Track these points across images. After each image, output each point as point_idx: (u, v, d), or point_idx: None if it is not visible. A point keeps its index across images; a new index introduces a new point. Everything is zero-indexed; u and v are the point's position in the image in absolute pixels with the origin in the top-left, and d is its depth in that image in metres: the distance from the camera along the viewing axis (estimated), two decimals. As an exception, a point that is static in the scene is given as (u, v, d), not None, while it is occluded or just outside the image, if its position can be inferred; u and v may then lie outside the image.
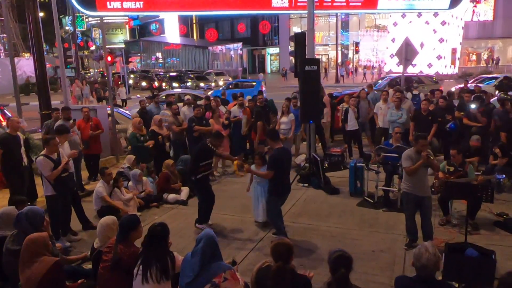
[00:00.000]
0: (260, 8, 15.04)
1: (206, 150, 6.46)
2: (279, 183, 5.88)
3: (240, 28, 41.11)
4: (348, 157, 10.07)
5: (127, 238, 3.96)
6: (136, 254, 3.88)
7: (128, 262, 3.82)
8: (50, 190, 5.95)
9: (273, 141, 5.96)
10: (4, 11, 10.71)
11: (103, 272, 3.90)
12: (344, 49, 46.55)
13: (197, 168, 6.34)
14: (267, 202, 6.10)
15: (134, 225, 4.03)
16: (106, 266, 3.88)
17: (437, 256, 3.16)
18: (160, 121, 9.04)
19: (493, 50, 42.52)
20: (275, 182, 5.85)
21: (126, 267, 3.81)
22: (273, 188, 5.91)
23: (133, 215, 4.51)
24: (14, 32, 35.88)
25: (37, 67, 8.82)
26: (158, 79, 34.84)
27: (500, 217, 6.43)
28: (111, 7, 12.32)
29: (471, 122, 9.03)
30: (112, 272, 3.84)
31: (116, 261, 3.82)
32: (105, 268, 3.90)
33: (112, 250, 3.91)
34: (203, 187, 6.56)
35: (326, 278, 3.37)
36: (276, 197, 5.96)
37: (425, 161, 5.34)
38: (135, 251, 3.91)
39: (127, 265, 3.81)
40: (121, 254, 3.85)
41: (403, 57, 12.69)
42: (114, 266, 3.83)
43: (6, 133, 7.27)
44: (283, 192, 6.03)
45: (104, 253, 3.99)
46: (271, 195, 5.96)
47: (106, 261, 3.90)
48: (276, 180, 5.83)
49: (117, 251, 3.87)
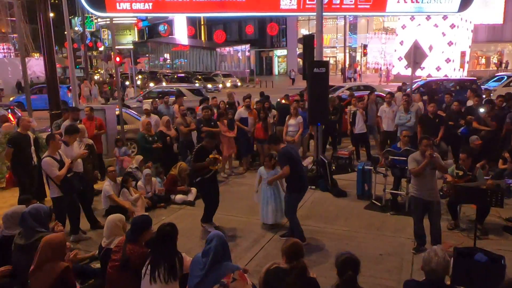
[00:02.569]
0: (269, 10, 15.04)
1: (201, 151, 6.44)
2: (297, 178, 5.89)
3: (248, 30, 41.08)
4: (355, 160, 10.05)
5: (138, 238, 3.97)
6: (145, 254, 3.89)
7: (136, 262, 3.84)
8: (57, 192, 5.86)
9: (276, 145, 5.99)
10: (17, 12, 10.83)
11: (112, 271, 3.92)
12: (352, 52, 46.41)
13: (196, 171, 6.41)
14: (287, 201, 6.08)
15: (148, 225, 4.06)
16: (115, 266, 3.90)
17: (447, 261, 3.15)
18: (168, 121, 9.10)
19: (502, 54, 42.19)
20: (293, 177, 5.86)
21: (135, 267, 3.83)
22: (292, 185, 5.94)
23: (146, 216, 4.50)
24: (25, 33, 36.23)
25: (48, 67, 8.91)
26: (166, 80, 35.02)
27: (510, 222, 6.38)
28: (121, 8, 12.41)
29: (481, 126, 8.96)
30: (121, 272, 3.86)
31: (125, 261, 3.84)
32: (113, 267, 3.91)
33: (121, 249, 3.93)
34: (203, 190, 6.63)
35: (333, 280, 3.37)
36: (296, 194, 6.01)
37: (428, 160, 5.30)
38: (144, 251, 3.92)
39: (136, 265, 3.83)
40: (130, 254, 3.87)
41: (412, 60, 12.61)
42: (123, 266, 3.84)
43: (17, 132, 7.36)
44: (302, 187, 6.07)
45: (113, 252, 4.01)
46: (292, 192, 5.99)
47: (115, 260, 3.92)
48: (294, 175, 5.82)
49: (126, 251, 3.88)
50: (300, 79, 13.82)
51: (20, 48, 11.15)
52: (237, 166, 10.15)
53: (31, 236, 4.18)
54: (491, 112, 9.05)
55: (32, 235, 4.18)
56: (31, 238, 4.16)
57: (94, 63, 63.48)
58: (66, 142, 6.45)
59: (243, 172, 9.77)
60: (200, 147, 6.56)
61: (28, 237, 4.19)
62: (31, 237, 4.16)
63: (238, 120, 9.79)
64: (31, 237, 4.16)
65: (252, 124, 9.86)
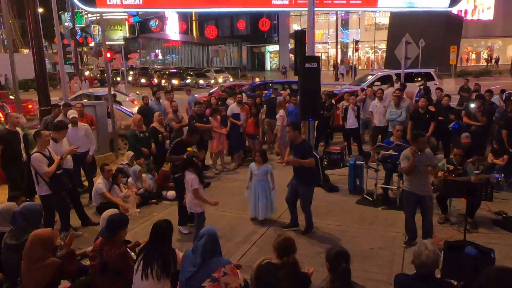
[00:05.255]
0: (260, 5, 15.00)
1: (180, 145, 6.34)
2: (317, 171, 5.98)
3: (240, 25, 41.04)
4: (347, 155, 10.09)
5: (113, 236, 3.90)
6: (124, 254, 3.84)
7: (116, 264, 3.79)
8: (45, 190, 5.75)
9: (300, 134, 6.02)
10: (4, 7, 10.66)
11: (93, 276, 3.87)
12: (343, 47, 46.48)
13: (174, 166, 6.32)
14: (305, 193, 6.05)
15: (125, 224, 4.02)
16: (95, 271, 3.85)
17: (437, 254, 3.17)
18: (161, 117, 9.04)
19: (492, 49, 42.55)
20: (315, 170, 5.90)
21: (115, 269, 3.79)
22: (311, 178, 5.99)
23: (122, 215, 4.46)
24: (13, 28, 35.74)
25: (36, 63, 8.80)
26: (158, 76, 34.81)
27: (499, 216, 6.45)
28: (111, 3, 12.27)
29: (471, 121, 9.04)
30: (102, 275, 3.81)
31: (103, 265, 3.79)
32: (94, 272, 3.86)
33: (98, 253, 3.86)
34: (180, 187, 6.18)
35: (324, 275, 3.38)
36: (314, 186, 6.07)
37: (415, 157, 5.35)
38: (121, 251, 3.85)
39: (116, 267, 3.78)
40: (108, 257, 3.80)
41: (403, 55, 12.69)
42: (102, 270, 3.79)
43: (6, 128, 7.27)
44: (318, 180, 6.15)
45: (91, 257, 3.94)
46: (311, 185, 6.03)
47: (94, 266, 3.86)
48: (315, 168, 5.88)
49: (103, 254, 3.82)
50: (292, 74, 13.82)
51: (9, 44, 10.99)
52: (229, 162, 10.14)
53: (21, 236, 4.15)
54: (481, 107, 9.13)
55: (22, 235, 4.15)
56: (21, 238, 4.13)
57: (84, 59, 62.84)
58: (55, 139, 6.39)
59: (235, 167, 9.76)
60: (179, 141, 6.48)
61: (18, 237, 4.16)
62: (21, 237, 4.13)
63: (231, 116, 9.79)
64: (21, 237, 4.13)
65: (244, 120, 9.86)
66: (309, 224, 6.17)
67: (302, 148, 5.92)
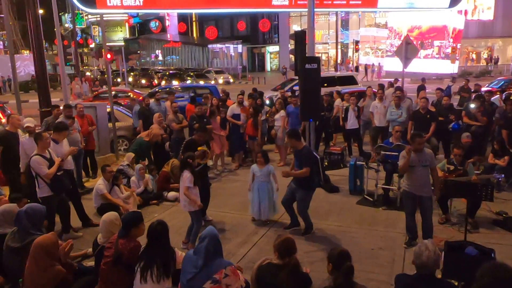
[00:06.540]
0: (260, 6, 14.97)
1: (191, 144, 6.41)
2: (318, 172, 6.01)
3: (240, 26, 41.01)
4: (348, 156, 10.09)
5: (128, 234, 3.98)
6: (137, 248, 3.91)
7: (129, 257, 3.86)
8: (46, 191, 5.75)
9: (298, 142, 6.03)
10: (4, 8, 10.64)
11: (105, 267, 3.93)
12: (343, 48, 46.48)
13: None
14: (304, 199, 6.07)
15: (137, 221, 4.06)
16: (108, 262, 3.91)
17: (437, 254, 3.17)
18: (161, 118, 9.05)
19: (492, 49, 42.51)
20: (313, 177, 5.93)
21: (127, 262, 3.85)
22: (310, 183, 6.01)
23: (137, 212, 4.53)
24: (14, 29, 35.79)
25: (37, 64, 8.80)
26: (158, 77, 34.81)
27: (500, 216, 6.44)
28: (111, 5, 12.24)
29: (471, 121, 9.04)
30: (113, 267, 3.87)
31: (118, 256, 3.85)
32: (106, 263, 3.92)
33: (114, 245, 3.94)
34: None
35: (325, 275, 3.38)
36: (312, 191, 6.09)
37: (409, 156, 5.36)
38: (136, 245, 3.93)
39: (128, 260, 3.85)
40: (122, 249, 3.88)
41: (403, 55, 12.68)
42: (115, 261, 3.85)
43: (6, 130, 7.26)
44: (317, 184, 6.15)
45: (106, 249, 4.02)
46: (309, 189, 6.05)
47: (108, 256, 3.93)
48: (313, 175, 5.90)
49: (118, 246, 3.90)
50: (292, 74, 13.83)
51: (10, 45, 10.97)
52: (230, 163, 10.15)
53: (24, 238, 4.16)
54: (481, 107, 9.13)
55: (25, 237, 4.15)
56: (24, 240, 4.14)
57: (85, 60, 62.90)
58: (55, 140, 6.39)
59: (236, 168, 9.76)
60: (190, 140, 6.58)
61: (21, 239, 4.16)
62: (24, 239, 4.13)
63: (231, 116, 9.79)
64: (24, 239, 4.13)
65: (244, 120, 9.86)
66: (308, 225, 6.17)
67: (301, 155, 5.99)
